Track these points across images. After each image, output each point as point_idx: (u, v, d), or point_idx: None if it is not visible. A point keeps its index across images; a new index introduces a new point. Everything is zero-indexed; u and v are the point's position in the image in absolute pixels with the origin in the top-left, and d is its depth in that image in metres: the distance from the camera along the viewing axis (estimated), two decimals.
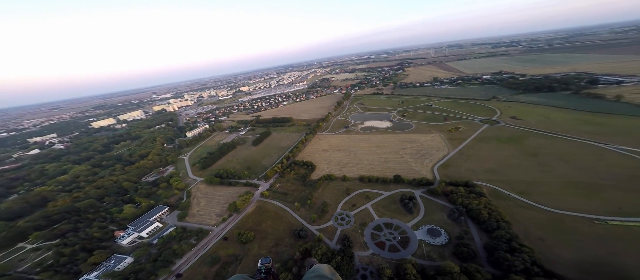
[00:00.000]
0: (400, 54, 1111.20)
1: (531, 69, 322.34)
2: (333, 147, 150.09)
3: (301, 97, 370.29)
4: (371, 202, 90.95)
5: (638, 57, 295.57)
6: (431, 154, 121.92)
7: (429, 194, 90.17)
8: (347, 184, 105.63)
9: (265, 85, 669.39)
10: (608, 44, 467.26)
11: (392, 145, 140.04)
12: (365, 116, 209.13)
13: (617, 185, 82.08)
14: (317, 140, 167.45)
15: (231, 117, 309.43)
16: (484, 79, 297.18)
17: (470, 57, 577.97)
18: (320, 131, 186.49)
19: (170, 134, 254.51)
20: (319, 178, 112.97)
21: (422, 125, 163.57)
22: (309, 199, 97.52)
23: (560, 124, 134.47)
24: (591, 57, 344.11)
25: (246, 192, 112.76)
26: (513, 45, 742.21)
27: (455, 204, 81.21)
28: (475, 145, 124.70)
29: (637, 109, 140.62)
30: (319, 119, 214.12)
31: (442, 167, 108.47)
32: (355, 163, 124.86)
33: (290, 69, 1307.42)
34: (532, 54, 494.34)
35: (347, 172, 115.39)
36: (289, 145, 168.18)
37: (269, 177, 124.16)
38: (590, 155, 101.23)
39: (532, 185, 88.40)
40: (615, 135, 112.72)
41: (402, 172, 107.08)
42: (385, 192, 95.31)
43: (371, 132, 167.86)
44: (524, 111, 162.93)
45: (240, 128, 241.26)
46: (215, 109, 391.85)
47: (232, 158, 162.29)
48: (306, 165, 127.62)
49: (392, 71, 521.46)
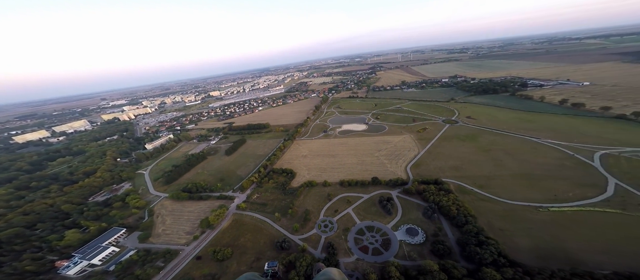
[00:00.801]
0: (373, 58, 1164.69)
1: (479, 73, 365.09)
2: (313, 153, 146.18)
3: (278, 102, 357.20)
4: (352, 206, 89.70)
5: (550, 64, 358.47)
6: (404, 154, 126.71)
7: (404, 193, 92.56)
8: (328, 189, 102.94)
9: (239, 90, 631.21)
10: (530, 53, 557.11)
11: (368, 147, 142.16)
12: (342, 120, 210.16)
13: (550, 175, 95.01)
14: (296, 146, 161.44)
15: (200, 125, 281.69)
16: (443, 82, 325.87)
17: (431, 62, 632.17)
18: (300, 136, 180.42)
19: (124, 146, 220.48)
20: (299, 185, 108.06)
21: (394, 127, 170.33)
22: (290, 208, 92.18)
23: (504, 122, 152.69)
24: (520, 64, 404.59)
25: (220, 206, 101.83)
26: (464, 52, 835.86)
27: (428, 201, 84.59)
28: (440, 144, 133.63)
29: (555, 108, 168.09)
30: (297, 124, 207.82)
31: (414, 167, 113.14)
32: (335, 167, 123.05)
33: (267, 72, 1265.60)
34: (478, 59, 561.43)
35: (328, 177, 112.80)
36: (266, 152, 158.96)
37: (245, 188, 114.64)
38: (528, 149, 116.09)
39: (489, 178, 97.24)
40: (544, 131, 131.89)
41: (379, 173, 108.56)
42: (365, 195, 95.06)
43: (349, 135, 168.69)
44: (476, 111, 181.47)
45: (211, 136, 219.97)
46: (180, 116, 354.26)
47: (202, 170, 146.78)
48: (286, 173, 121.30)
49: (366, 75, 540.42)
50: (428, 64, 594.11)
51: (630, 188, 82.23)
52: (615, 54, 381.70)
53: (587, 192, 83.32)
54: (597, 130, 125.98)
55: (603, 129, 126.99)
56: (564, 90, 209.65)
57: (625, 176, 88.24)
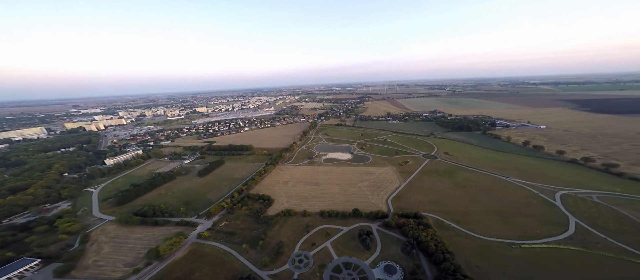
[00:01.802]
0: (362, 88, 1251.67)
1: (455, 109, 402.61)
2: (295, 179, 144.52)
3: (266, 124, 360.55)
4: (331, 240, 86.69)
5: (513, 106, 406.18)
6: (386, 186, 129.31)
7: (384, 227, 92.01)
8: (307, 219, 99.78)
9: (228, 108, 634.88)
10: (497, 94, 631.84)
11: (352, 177, 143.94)
12: (328, 147, 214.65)
13: (519, 212, 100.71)
14: (278, 172, 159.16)
15: (178, 142, 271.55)
16: (424, 116, 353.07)
17: (414, 96, 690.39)
18: (283, 161, 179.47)
19: (80, 160, 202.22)
20: (276, 214, 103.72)
21: (378, 158, 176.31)
22: (262, 239, 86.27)
23: (478, 160, 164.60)
24: (489, 104, 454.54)
25: (177, 233, 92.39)
26: (442, 88, 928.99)
27: (407, 236, 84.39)
28: (420, 177, 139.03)
29: (520, 149, 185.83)
30: (282, 148, 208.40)
31: (395, 199, 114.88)
32: (317, 196, 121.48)
33: (259, 93, 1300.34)
34: (454, 97, 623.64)
35: (308, 206, 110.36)
36: (244, 176, 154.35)
37: (213, 214, 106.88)
38: (500, 187, 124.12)
39: (465, 214, 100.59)
40: (512, 170, 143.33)
41: (361, 205, 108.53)
42: (344, 228, 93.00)
43: (334, 164, 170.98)
44: (453, 147, 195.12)
45: (186, 155, 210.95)
46: (158, 131, 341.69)
47: (166, 191, 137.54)
48: (262, 199, 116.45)
49: (355, 103, 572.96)
50: (411, 98, 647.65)
51: (588, 227, 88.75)
52: (563, 100, 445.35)
53: (552, 230, 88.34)
54: (555, 172, 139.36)
55: (560, 171, 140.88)
56: (526, 132, 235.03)
57: (583, 215, 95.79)
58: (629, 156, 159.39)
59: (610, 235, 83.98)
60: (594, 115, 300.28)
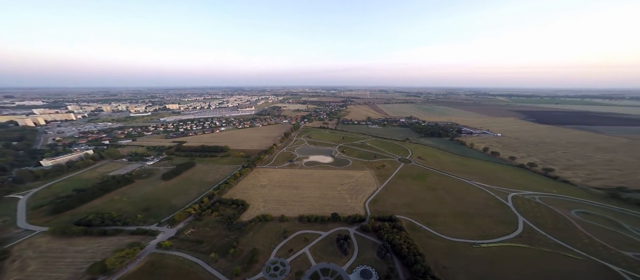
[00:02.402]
0: (345, 91, 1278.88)
1: (428, 116, 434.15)
2: (274, 183, 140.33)
3: (245, 124, 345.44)
4: (309, 245, 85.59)
5: (476, 115, 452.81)
6: (364, 189, 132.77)
7: (361, 231, 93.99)
8: (285, 225, 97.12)
9: (203, 106, 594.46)
10: (464, 103, 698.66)
11: (332, 181, 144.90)
12: (310, 150, 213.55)
13: (480, 213, 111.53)
14: (255, 175, 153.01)
15: (140, 141, 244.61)
16: (401, 122, 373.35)
17: (392, 102, 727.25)
18: (261, 164, 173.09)
19: (6, 159, 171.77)
20: (251, 219, 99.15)
21: (358, 162, 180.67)
22: (234, 247, 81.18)
23: (446, 164, 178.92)
24: (457, 112, 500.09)
25: (131, 244, 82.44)
26: (417, 96, 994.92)
27: (383, 239, 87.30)
28: (396, 181, 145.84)
29: (481, 154, 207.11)
30: (261, 150, 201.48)
31: (372, 202, 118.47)
32: (297, 200, 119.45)
33: (240, 92, 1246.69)
34: (428, 104, 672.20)
35: (287, 211, 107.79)
36: (216, 179, 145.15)
37: (177, 221, 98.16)
38: (463, 189, 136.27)
39: (435, 216, 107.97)
40: (474, 174, 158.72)
41: (340, 209, 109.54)
42: (323, 232, 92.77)
43: (315, 167, 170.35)
44: (425, 152, 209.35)
45: (150, 156, 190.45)
46: (116, 129, 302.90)
47: (121, 196, 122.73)
48: (236, 204, 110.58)
49: (338, 107, 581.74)
50: (390, 104, 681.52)
51: (533, 225, 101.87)
52: (515, 111, 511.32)
53: (505, 229, 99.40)
54: (508, 175, 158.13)
55: (512, 174, 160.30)
56: (486, 139, 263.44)
57: (529, 215, 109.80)
58: (562, 162, 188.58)
59: (548, 232, 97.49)
60: (537, 125, 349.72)
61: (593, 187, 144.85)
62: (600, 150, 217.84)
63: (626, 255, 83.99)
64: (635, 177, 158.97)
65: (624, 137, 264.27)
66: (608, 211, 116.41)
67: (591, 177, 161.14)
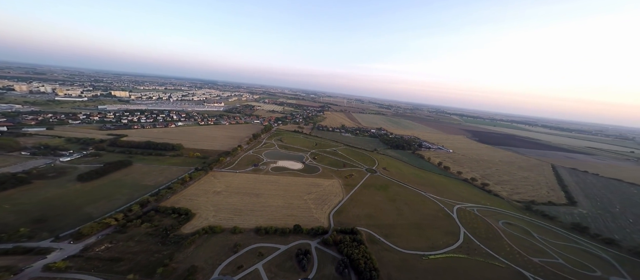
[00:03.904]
0: (324, 97, 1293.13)
1: (396, 129, 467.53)
2: (231, 189, 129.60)
3: (209, 121, 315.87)
4: (264, 261, 79.59)
5: (435, 131, 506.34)
6: (330, 199, 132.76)
7: (323, 244, 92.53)
8: (237, 237, 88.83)
9: (162, 96, 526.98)
10: (425, 119, 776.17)
11: (299, 189, 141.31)
12: (280, 155, 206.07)
13: (431, 224, 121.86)
14: (209, 179, 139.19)
15: (59, 130, 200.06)
16: (371, 132, 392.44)
17: (366, 112, 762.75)
18: (220, 167, 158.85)
19: None
20: (194, 231, 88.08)
21: (327, 170, 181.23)
22: (165, 265, 69.76)
23: (407, 175, 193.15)
24: (419, 127, 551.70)
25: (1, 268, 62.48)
26: (388, 108, 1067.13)
27: (342, 254, 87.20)
28: (361, 191, 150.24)
29: (435, 168, 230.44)
30: (222, 152, 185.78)
31: (336, 213, 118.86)
32: (256, 210, 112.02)
33: (212, 85, 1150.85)
34: (396, 117, 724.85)
35: (242, 221, 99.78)
36: (158, 183, 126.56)
37: (85, 234, 79.81)
38: (420, 201, 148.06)
39: (392, 227, 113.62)
40: (429, 186, 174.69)
41: (304, 220, 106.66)
42: (282, 246, 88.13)
43: (282, 173, 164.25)
44: (390, 164, 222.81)
45: (69, 150, 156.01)
46: (26, 112, 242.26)
47: (1, 202, 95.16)
48: (178, 214, 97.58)
49: (315, 112, 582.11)
50: (364, 113, 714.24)
51: (471, 236, 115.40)
52: (464, 129, 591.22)
53: (449, 240, 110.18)
54: (455, 188, 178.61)
55: (458, 188, 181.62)
56: (440, 154, 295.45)
57: (468, 226, 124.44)
58: (495, 177, 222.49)
59: (482, 242, 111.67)
60: (479, 144, 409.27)
61: (515, 200, 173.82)
62: (521, 168, 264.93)
63: (534, 261, 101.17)
64: (541, 192, 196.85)
65: (536, 158, 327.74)
66: (523, 221, 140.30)
67: (514, 191, 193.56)
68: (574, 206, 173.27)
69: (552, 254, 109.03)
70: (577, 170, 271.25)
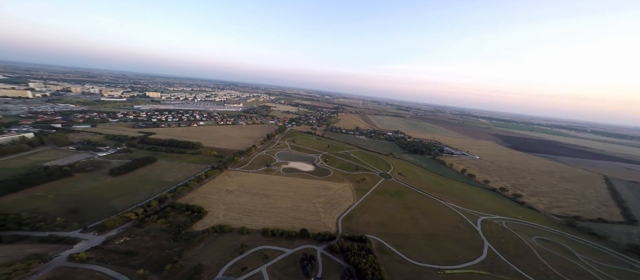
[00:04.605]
0: (339, 98, 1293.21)
1: (414, 132, 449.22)
2: (243, 189, 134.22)
3: (228, 121, 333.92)
4: (268, 264, 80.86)
5: (459, 136, 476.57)
6: (340, 204, 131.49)
7: (329, 250, 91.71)
8: (244, 238, 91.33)
9: (188, 97, 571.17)
10: (448, 122, 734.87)
11: (308, 191, 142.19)
12: (292, 156, 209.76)
13: (449, 236, 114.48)
14: (224, 178, 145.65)
15: (101, 128, 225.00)
16: (387, 135, 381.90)
17: (382, 114, 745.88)
18: (235, 166, 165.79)
19: None
20: (204, 229, 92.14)
21: (338, 173, 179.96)
22: (173, 262, 73.40)
23: (424, 182, 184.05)
24: (441, 131, 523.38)
25: (29, 256, 69.75)
26: (407, 110, 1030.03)
27: (349, 262, 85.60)
28: (373, 197, 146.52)
29: (458, 175, 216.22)
30: (238, 151, 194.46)
31: (345, 219, 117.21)
32: (265, 211, 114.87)
33: (233, 86, 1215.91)
34: (416, 120, 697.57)
35: (250, 222, 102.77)
36: (177, 180, 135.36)
37: (109, 227, 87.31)
38: (438, 210, 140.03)
39: (405, 237, 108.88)
40: (449, 195, 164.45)
41: (311, 224, 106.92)
42: (288, 250, 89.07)
43: (293, 174, 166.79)
44: (406, 169, 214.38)
45: (106, 146, 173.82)
46: (77, 111, 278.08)
47: (45, 193, 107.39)
48: (191, 211, 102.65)
49: (329, 113, 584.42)
50: (380, 115, 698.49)
51: (496, 251, 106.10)
52: (493, 134, 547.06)
53: (470, 255, 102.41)
54: (481, 198, 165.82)
55: (484, 198, 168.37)
56: (465, 160, 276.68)
57: (494, 240, 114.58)
58: (530, 188, 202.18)
59: (509, 259, 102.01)
60: (511, 150, 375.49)
61: (554, 215, 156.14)
62: (563, 179, 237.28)
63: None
64: (589, 207, 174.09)
65: (582, 168, 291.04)
66: (563, 239, 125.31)
67: (553, 204, 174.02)
68: (633, 225, 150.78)
69: (598, 277, 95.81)
70: (639, 184, 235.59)
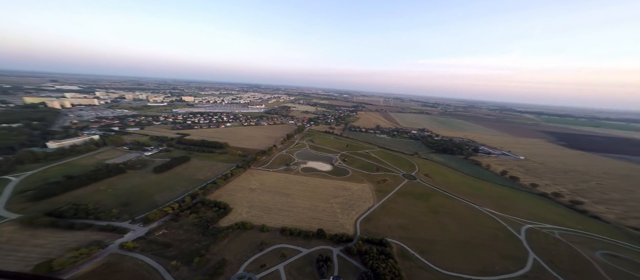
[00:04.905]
0: (359, 96, 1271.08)
1: (443, 130, 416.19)
2: (264, 187, 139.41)
3: (251, 122, 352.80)
4: (285, 263, 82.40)
5: (497, 133, 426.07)
6: (358, 205, 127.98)
7: (346, 252, 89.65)
8: (264, 236, 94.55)
9: (217, 100, 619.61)
10: (485, 118, 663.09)
11: (326, 191, 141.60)
12: (310, 155, 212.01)
13: (484, 244, 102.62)
14: (247, 176, 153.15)
15: (147, 130, 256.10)
16: (412, 134, 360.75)
17: (406, 111, 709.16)
18: (257, 165, 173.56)
19: (17, 139, 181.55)
20: (229, 225, 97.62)
21: (357, 174, 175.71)
22: (201, 255, 79.05)
23: (455, 185, 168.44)
24: (476, 128, 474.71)
25: (92, 242, 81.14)
26: (434, 107, 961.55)
27: (366, 266, 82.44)
28: (395, 199, 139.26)
29: (497, 178, 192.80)
30: (260, 151, 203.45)
31: (364, 221, 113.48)
32: (284, 209, 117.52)
33: (256, 89, 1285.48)
34: (445, 116, 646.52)
35: (270, 220, 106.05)
36: (207, 177, 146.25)
37: (151, 220, 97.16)
38: (470, 215, 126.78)
39: (432, 243, 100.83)
40: (486, 199, 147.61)
41: (328, 224, 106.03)
42: (304, 250, 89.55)
43: (311, 174, 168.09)
44: (434, 170, 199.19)
45: (150, 146, 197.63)
46: (129, 116, 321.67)
47: (105, 187, 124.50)
48: (218, 207, 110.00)
49: (348, 112, 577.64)
50: (403, 113, 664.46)
51: (545, 265, 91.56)
52: (543, 131, 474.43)
53: (510, 266, 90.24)
54: (526, 204, 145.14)
55: (531, 204, 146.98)
56: (506, 161, 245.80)
57: (542, 252, 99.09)
58: (594, 194, 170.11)
59: (562, 274, 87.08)
60: (568, 150, 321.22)
61: (630, 227, 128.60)
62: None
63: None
64: None
65: None
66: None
67: (629, 214, 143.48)
68: None
69: None
70: None
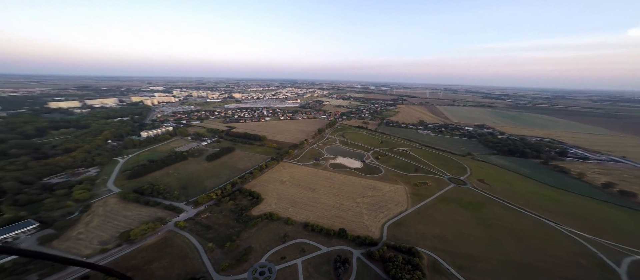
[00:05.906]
0: (399, 89, 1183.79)
1: (511, 127, 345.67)
2: (293, 180, 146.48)
3: (287, 116, 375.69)
4: (304, 258, 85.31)
5: (605, 131, 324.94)
6: (388, 207, 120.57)
7: (367, 256, 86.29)
8: (288, 228, 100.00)
9: (260, 96, 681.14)
10: (584, 112, 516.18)
11: (354, 190, 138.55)
12: (340, 151, 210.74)
13: (554, 271, 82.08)
14: (279, 169, 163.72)
15: (205, 123, 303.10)
16: (466, 130, 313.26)
17: (460, 104, 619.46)
18: (289, 158, 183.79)
19: (125, 129, 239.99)
20: (259, 215, 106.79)
21: (391, 173, 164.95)
22: (232, 240, 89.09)
23: (523, 195, 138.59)
24: (567, 124, 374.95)
25: (158, 218, 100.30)
26: (501, 99, 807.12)
27: (388, 274, 77.48)
28: (435, 205, 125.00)
29: (595, 191, 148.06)
30: (292, 144, 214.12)
31: (393, 226, 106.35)
32: (309, 204, 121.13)
33: (293, 84, 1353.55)
34: (516, 110, 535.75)
35: (295, 213, 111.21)
36: (245, 167, 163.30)
37: (200, 203, 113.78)
38: (541, 234, 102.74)
39: (474, 260, 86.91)
40: (568, 216, 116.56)
41: (351, 225, 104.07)
42: (324, 248, 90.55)
43: (339, 170, 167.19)
44: (492, 175, 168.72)
45: (206, 137, 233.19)
46: (194, 111, 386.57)
47: (173, 171, 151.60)
48: (252, 196, 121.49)
49: (385, 105, 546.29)
50: (456, 106, 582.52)
51: None
52: None
53: None
54: (638, 229, 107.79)
55: None
56: (614, 169, 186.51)
57: None
58: None
59: None
60: None
61: None
62: None
63: None
64: None
65: None
66: None
67: None
68: None
69: None
70: None
